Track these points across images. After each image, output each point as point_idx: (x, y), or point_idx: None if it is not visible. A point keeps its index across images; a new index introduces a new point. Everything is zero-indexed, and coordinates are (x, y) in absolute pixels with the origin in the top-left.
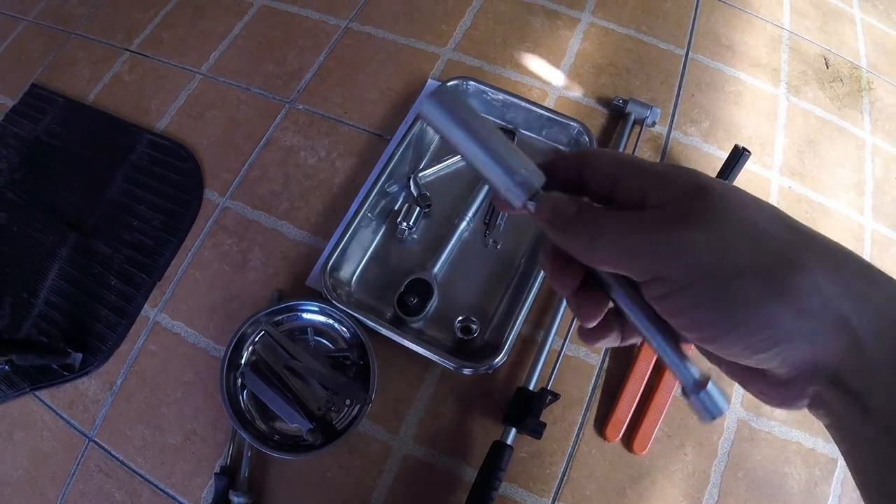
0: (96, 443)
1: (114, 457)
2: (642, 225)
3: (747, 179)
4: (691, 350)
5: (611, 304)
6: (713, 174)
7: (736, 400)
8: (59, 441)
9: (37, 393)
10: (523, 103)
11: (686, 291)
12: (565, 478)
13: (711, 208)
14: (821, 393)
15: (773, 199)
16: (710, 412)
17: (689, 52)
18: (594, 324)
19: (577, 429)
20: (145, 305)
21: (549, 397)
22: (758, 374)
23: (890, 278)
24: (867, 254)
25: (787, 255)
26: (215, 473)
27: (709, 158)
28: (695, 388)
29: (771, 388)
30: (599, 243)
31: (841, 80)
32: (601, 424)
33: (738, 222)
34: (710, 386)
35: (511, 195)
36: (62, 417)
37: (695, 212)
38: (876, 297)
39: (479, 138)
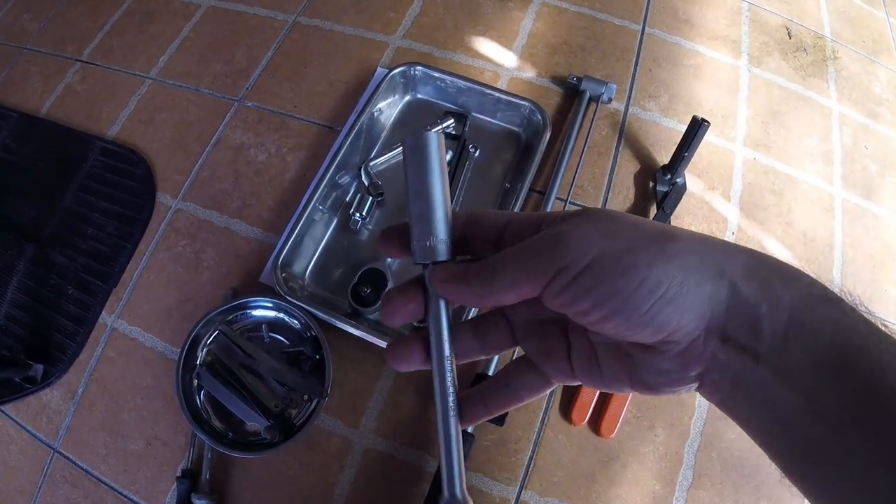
0: (61, 453)
1: (79, 466)
2: (532, 241)
3: (710, 153)
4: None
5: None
6: (673, 148)
7: None
8: (25, 454)
9: (1, 407)
10: (475, 86)
11: (586, 273)
12: (532, 465)
13: (591, 214)
14: (716, 354)
15: (737, 171)
16: None
17: (646, 28)
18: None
19: (541, 414)
20: (103, 312)
21: None
22: (656, 355)
23: (739, 245)
24: (839, 223)
25: (663, 232)
26: (177, 477)
27: (669, 133)
28: (452, 499)
29: (669, 363)
30: (498, 275)
31: (805, 50)
32: (566, 409)
33: (616, 219)
34: None
35: (418, 249)
36: (27, 430)
37: (576, 219)
38: (738, 253)
39: (438, 191)
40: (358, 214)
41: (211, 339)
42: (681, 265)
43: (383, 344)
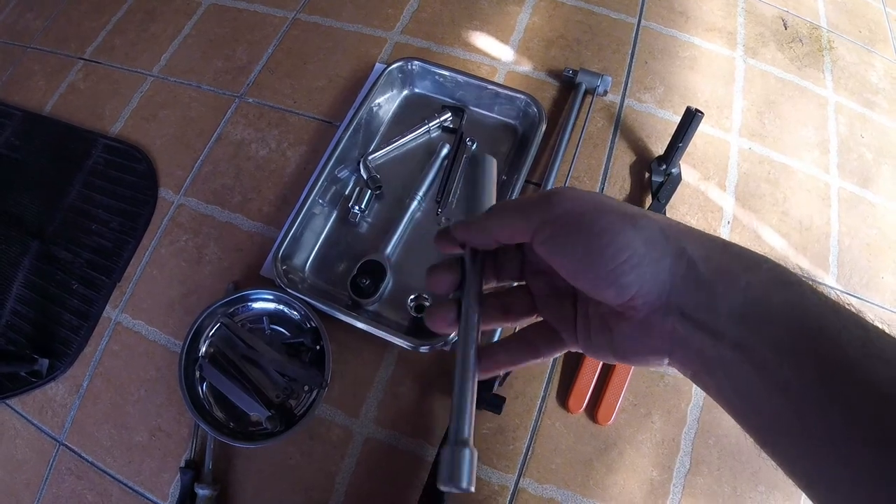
0: (66, 446)
1: (84, 459)
2: (529, 196)
3: (705, 143)
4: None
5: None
6: (668, 139)
7: None
8: (32, 447)
9: (7, 401)
10: (472, 80)
11: (565, 228)
12: (530, 453)
13: (572, 189)
14: (676, 329)
15: (732, 161)
16: (455, 476)
17: (642, 21)
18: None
19: (539, 402)
20: (107, 307)
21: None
22: (624, 323)
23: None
24: (835, 212)
25: (638, 211)
26: (180, 468)
27: (664, 124)
28: (456, 442)
29: (635, 331)
30: (498, 216)
31: (800, 40)
32: (563, 397)
33: (602, 196)
34: (467, 451)
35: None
36: (33, 424)
37: (570, 189)
38: (701, 237)
39: (487, 195)
40: (357, 208)
41: (213, 331)
42: (645, 239)
43: (382, 335)
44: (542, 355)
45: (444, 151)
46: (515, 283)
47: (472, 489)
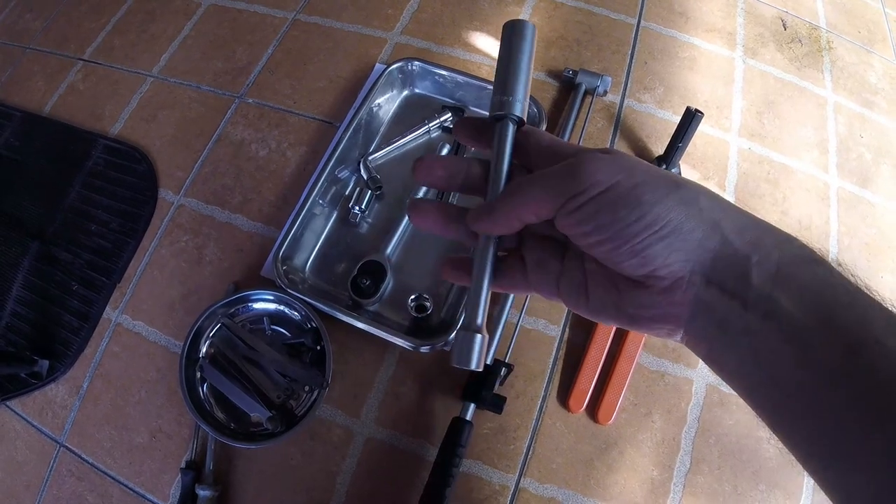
0: (67, 448)
1: (84, 460)
2: (554, 168)
3: (705, 143)
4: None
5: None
6: (668, 139)
7: (704, 365)
8: (32, 449)
9: (7, 403)
10: (471, 81)
11: (593, 201)
12: (530, 452)
13: (614, 152)
14: (699, 296)
15: (732, 161)
16: (465, 357)
17: (641, 21)
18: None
19: (539, 402)
20: (107, 308)
21: (504, 369)
22: (642, 290)
23: (738, 206)
24: (834, 212)
25: (671, 178)
26: (181, 468)
27: (664, 124)
28: (467, 327)
29: (653, 298)
30: (523, 192)
31: (799, 40)
32: (564, 396)
33: (633, 160)
34: (479, 337)
35: (495, 102)
36: (33, 425)
37: (598, 153)
38: (734, 211)
39: (525, 64)
40: (357, 208)
41: (213, 332)
42: (680, 210)
43: (383, 335)
44: (503, 288)
45: (444, 151)
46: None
47: (480, 369)
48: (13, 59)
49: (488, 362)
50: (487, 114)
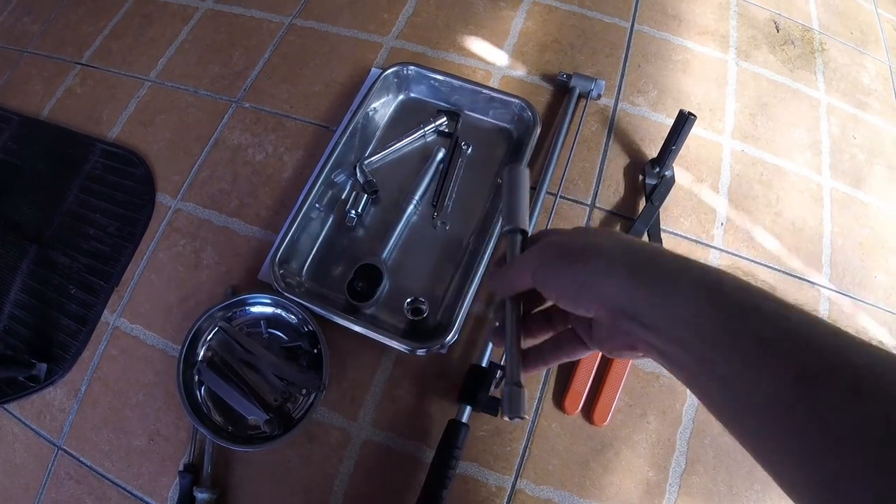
0: (65, 451)
1: (82, 463)
2: (529, 251)
3: (698, 145)
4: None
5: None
6: (661, 142)
7: None
8: (30, 452)
9: (5, 406)
10: (467, 85)
11: (545, 272)
12: (527, 454)
13: (548, 239)
14: (630, 330)
15: (725, 163)
16: (516, 408)
17: (635, 24)
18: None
19: (535, 404)
20: (105, 311)
21: (499, 371)
22: (599, 328)
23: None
24: (827, 212)
25: (587, 249)
26: (179, 471)
27: (657, 127)
28: (513, 383)
29: (607, 333)
30: (510, 271)
31: (792, 42)
32: (560, 398)
33: (563, 241)
34: (523, 391)
35: (506, 227)
36: (31, 428)
37: (543, 239)
38: (646, 253)
39: (522, 198)
40: (353, 212)
41: (211, 335)
42: (605, 263)
43: (379, 338)
44: (569, 354)
45: (440, 155)
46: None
47: (527, 417)
48: (11, 63)
49: (483, 364)
50: (483, 117)
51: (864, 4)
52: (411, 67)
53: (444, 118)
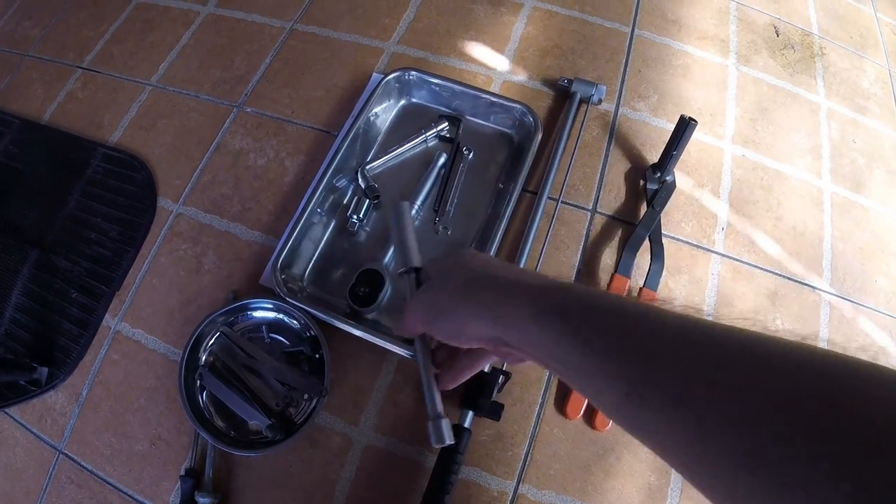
0: (66, 455)
1: (83, 467)
2: (413, 301)
3: (699, 150)
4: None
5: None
6: (662, 147)
7: None
8: (31, 456)
9: (6, 410)
10: (468, 90)
11: (433, 316)
12: (528, 459)
13: (429, 283)
14: (511, 351)
15: (726, 168)
16: (440, 438)
17: (635, 29)
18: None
19: (537, 409)
20: (106, 315)
21: (501, 377)
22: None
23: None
24: (828, 217)
25: (460, 291)
26: (181, 476)
27: (658, 132)
28: (434, 417)
29: (498, 352)
30: (401, 321)
31: (792, 47)
32: (561, 403)
33: (437, 285)
34: (444, 422)
35: (403, 271)
36: (32, 432)
37: (426, 277)
38: (500, 286)
39: (409, 237)
40: (355, 217)
41: (213, 340)
42: (466, 316)
43: (382, 343)
44: (479, 365)
45: (442, 161)
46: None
47: (453, 442)
48: (12, 67)
49: (485, 369)
50: (484, 122)
51: (863, 9)
52: (413, 73)
53: (446, 123)
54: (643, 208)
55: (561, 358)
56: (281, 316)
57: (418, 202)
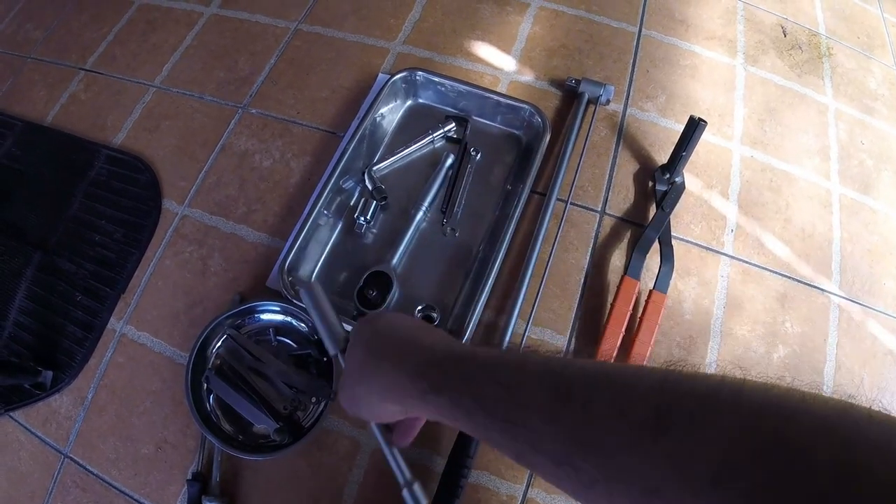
0: (71, 458)
1: (89, 471)
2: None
3: (708, 151)
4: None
5: None
6: (671, 147)
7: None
8: (36, 460)
9: (11, 414)
10: (475, 90)
11: (351, 408)
12: None
13: (345, 373)
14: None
15: (735, 169)
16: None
17: (642, 29)
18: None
19: None
20: (111, 318)
21: None
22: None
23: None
24: (836, 218)
25: (364, 374)
26: (187, 480)
27: (667, 132)
28: (406, 485)
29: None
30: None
31: (800, 47)
32: None
33: (350, 370)
34: (416, 486)
35: (330, 350)
36: (37, 436)
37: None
38: (404, 374)
39: (327, 314)
40: (362, 218)
41: (219, 343)
42: (372, 401)
43: None
44: (417, 423)
45: (449, 162)
46: None
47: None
48: (14, 69)
49: None
50: (491, 122)
51: (870, 9)
52: (419, 73)
53: (453, 124)
54: (652, 210)
55: (459, 424)
56: (288, 318)
57: (425, 204)
